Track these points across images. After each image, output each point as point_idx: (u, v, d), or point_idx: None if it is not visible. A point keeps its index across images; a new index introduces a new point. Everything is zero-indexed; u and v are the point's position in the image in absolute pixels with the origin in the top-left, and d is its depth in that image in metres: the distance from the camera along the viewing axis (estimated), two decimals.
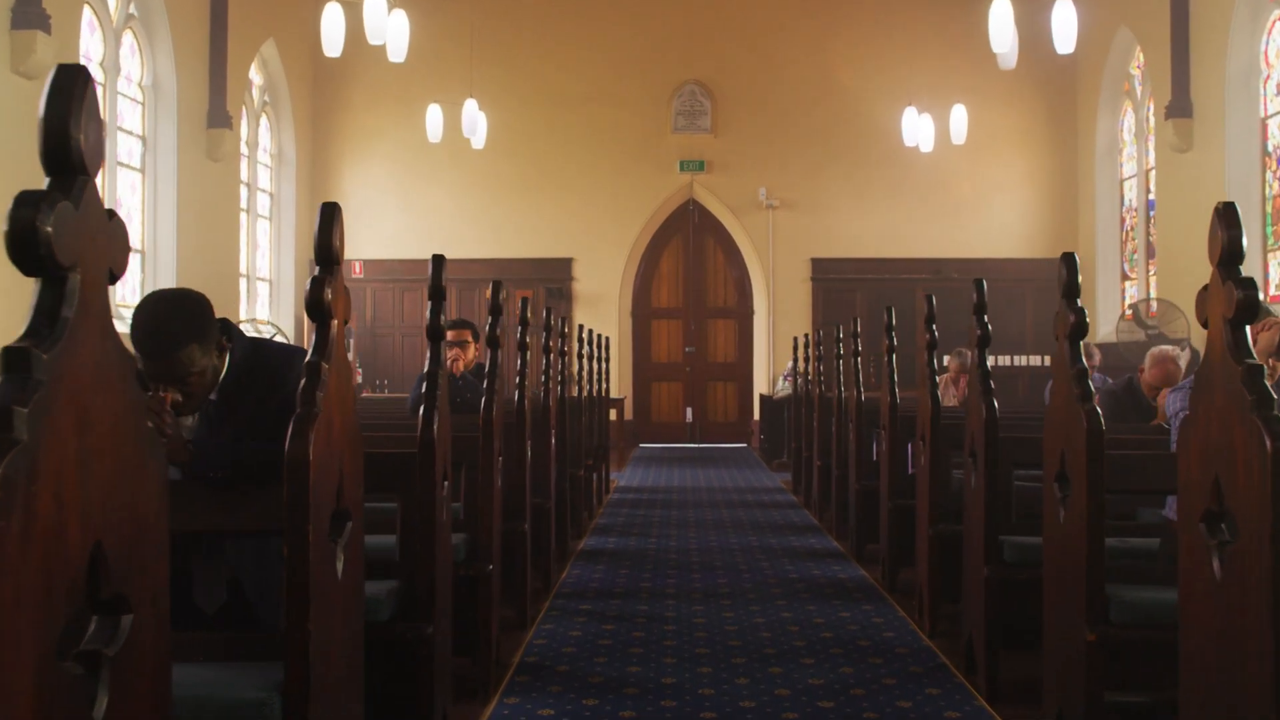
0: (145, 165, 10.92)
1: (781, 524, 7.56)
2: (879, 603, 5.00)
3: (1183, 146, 11.41)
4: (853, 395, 6.34)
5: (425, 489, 2.83)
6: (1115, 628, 2.75)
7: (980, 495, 3.59)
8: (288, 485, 1.96)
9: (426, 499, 2.83)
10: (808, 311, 14.49)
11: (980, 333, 3.77)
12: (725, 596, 5.12)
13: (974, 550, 3.71)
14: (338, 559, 2.18)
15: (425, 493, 2.84)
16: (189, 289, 2.61)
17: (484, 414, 3.63)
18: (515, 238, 14.53)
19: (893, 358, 5.49)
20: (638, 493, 9.55)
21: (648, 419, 14.94)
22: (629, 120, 14.55)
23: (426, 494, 2.83)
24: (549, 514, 5.27)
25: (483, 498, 3.59)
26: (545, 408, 5.32)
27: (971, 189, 14.47)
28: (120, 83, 10.43)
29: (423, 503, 2.82)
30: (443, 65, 14.09)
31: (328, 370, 2.09)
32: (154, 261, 10.94)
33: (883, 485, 5.49)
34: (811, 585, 5.40)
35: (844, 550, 6.44)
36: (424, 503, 2.82)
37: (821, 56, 14.51)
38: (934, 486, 4.39)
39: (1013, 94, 14.38)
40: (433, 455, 2.81)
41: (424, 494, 2.83)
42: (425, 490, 2.83)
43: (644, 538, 6.98)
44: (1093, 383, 7.46)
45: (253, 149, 13.33)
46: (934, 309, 4.62)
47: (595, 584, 5.45)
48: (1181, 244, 11.57)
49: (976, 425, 3.68)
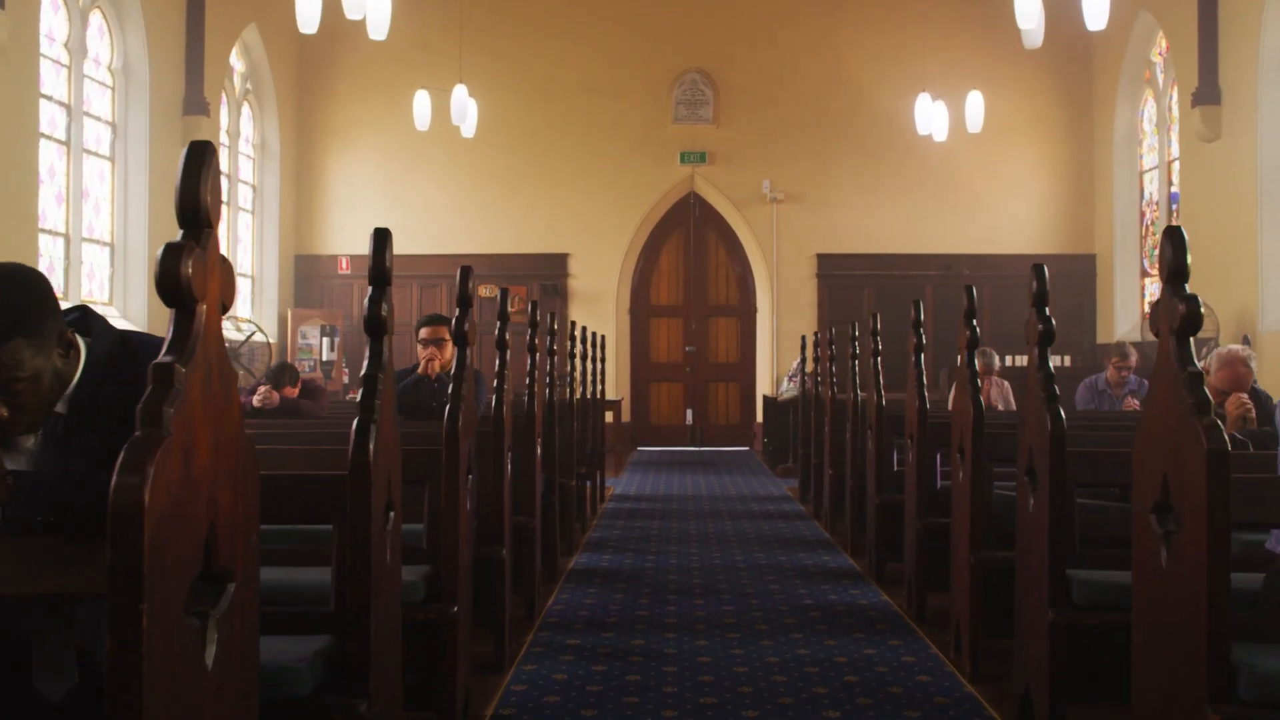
0: (115, 153, 10.32)
1: (791, 538, 6.97)
2: (907, 636, 4.40)
3: (1210, 135, 10.82)
4: (872, 399, 5.73)
5: (359, 521, 2.23)
6: (1247, 706, 2.14)
7: (1042, 522, 2.99)
8: (110, 543, 1.35)
9: (360, 534, 2.23)
10: (813, 309, 13.88)
11: (1042, 328, 3.16)
12: (732, 628, 4.52)
13: (1034, 587, 3.11)
14: (206, 645, 1.58)
15: (359, 526, 2.24)
16: (21, 265, 1.99)
17: (447, 424, 3.02)
18: (509, 233, 13.92)
19: (921, 357, 4.90)
20: (635, 501, 8.94)
21: (646, 421, 14.32)
22: (627, 110, 13.94)
23: (360, 527, 2.23)
24: (533, 534, 4.67)
25: (446, 523, 2.99)
26: (530, 413, 4.72)
27: (983, 182, 13.87)
28: (88, 65, 9.83)
29: (355, 539, 2.23)
30: (432, 52, 13.49)
31: (183, 375, 1.49)
32: (124, 254, 10.34)
33: (909, 501, 4.90)
34: (828, 613, 4.80)
35: (861, 570, 5.84)
36: (356, 539, 2.22)
37: (829, 43, 13.91)
38: (975, 506, 3.79)
39: (1026, 83, 13.78)
40: (366, 480, 2.21)
41: (357, 527, 2.23)
42: (359, 523, 2.24)
43: (641, 554, 6.38)
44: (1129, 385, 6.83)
45: (234, 139, 12.73)
46: (975, 302, 4.03)
47: (586, 612, 4.85)
48: (1208, 238, 10.98)
49: (1037, 439, 3.08)
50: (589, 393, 8.80)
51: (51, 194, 9.30)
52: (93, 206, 9.99)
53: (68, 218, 9.52)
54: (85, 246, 9.80)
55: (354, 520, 2.28)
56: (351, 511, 2.28)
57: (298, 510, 2.53)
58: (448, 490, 2.97)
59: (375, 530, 2.29)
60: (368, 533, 2.27)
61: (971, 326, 4.00)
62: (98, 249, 10.09)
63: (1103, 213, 13.66)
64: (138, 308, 10.37)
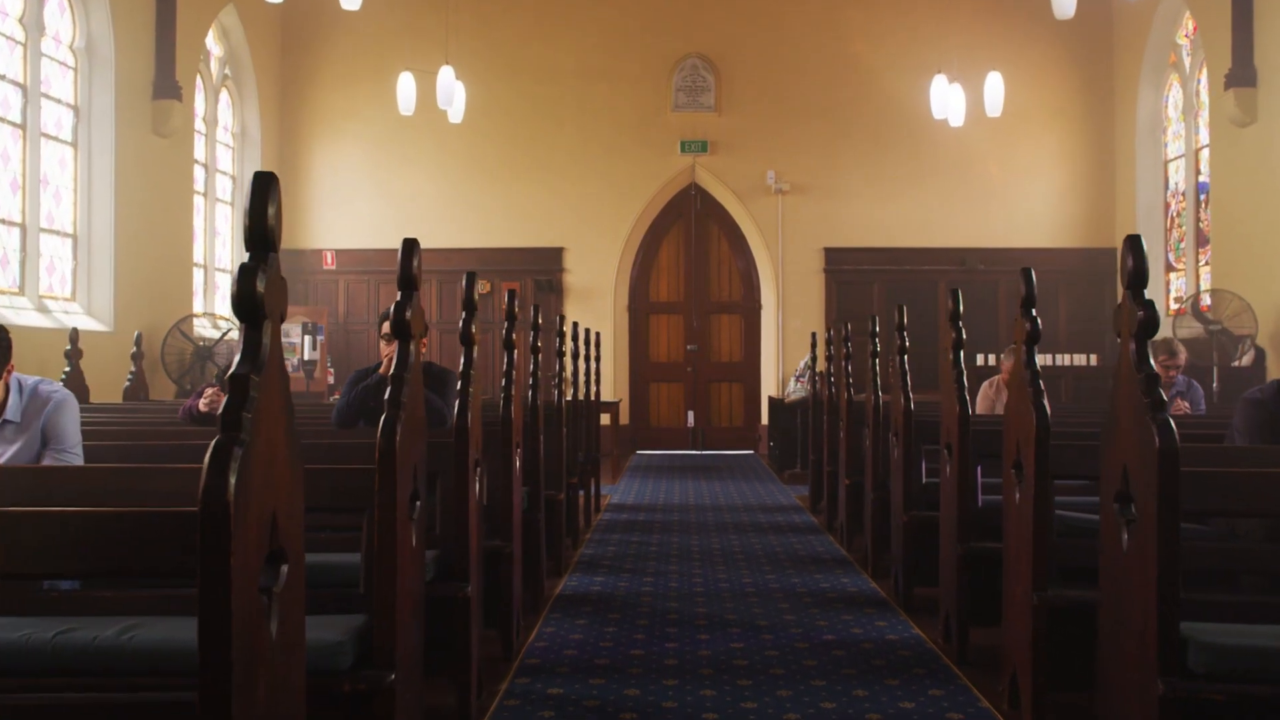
0: (78, 138, 9.65)
1: (804, 555, 6.30)
2: (950, 684, 3.73)
3: (1245, 119, 10.16)
4: (898, 401, 5.06)
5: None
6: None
7: (1147, 567, 2.33)
8: None
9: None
10: (820, 306, 13.22)
11: (1144, 313, 2.50)
12: (743, 672, 3.85)
13: (1133, 645, 2.45)
14: None
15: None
16: None
17: (381, 440, 2.35)
18: (501, 225, 13.25)
19: (959, 355, 4.23)
20: (633, 511, 8.28)
21: (645, 424, 13.65)
22: (625, 97, 13.27)
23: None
24: (511, 560, 4.01)
25: (382, 567, 2.33)
26: (506, 419, 4.06)
27: (999, 172, 13.19)
28: (46, 43, 9.17)
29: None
30: (420, 37, 12.83)
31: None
32: (87, 246, 9.67)
33: (946, 521, 4.23)
34: (854, 652, 4.13)
35: (886, 594, 5.18)
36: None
37: (837, 24, 13.23)
38: (1039, 534, 3.13)
39: (1044, 67, 13.12)
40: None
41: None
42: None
43: (638, 575, 5.71)
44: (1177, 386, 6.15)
45: (211, 126, 12.07)
46: (1034, 290, 3.39)
47: (573, 650, 4.18)
48: (1243, 228, 10.32)
49: (1143, 458, 2.42)
50: (581, 394, 8.14)
51: (5, 180, 8.65)
52: (52, 195, 9.32)
53: (24, 206, 8.86)
54: (44, 237, 9.14)
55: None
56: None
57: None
58: (383, 521, 2.31)
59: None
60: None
61: (1032, 319, 3.34)
62: (58, 240, 9.43)
63: (1124, 204, 12.99)
64: (103, 304, 9.71)
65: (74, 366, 7.77)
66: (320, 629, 2.28)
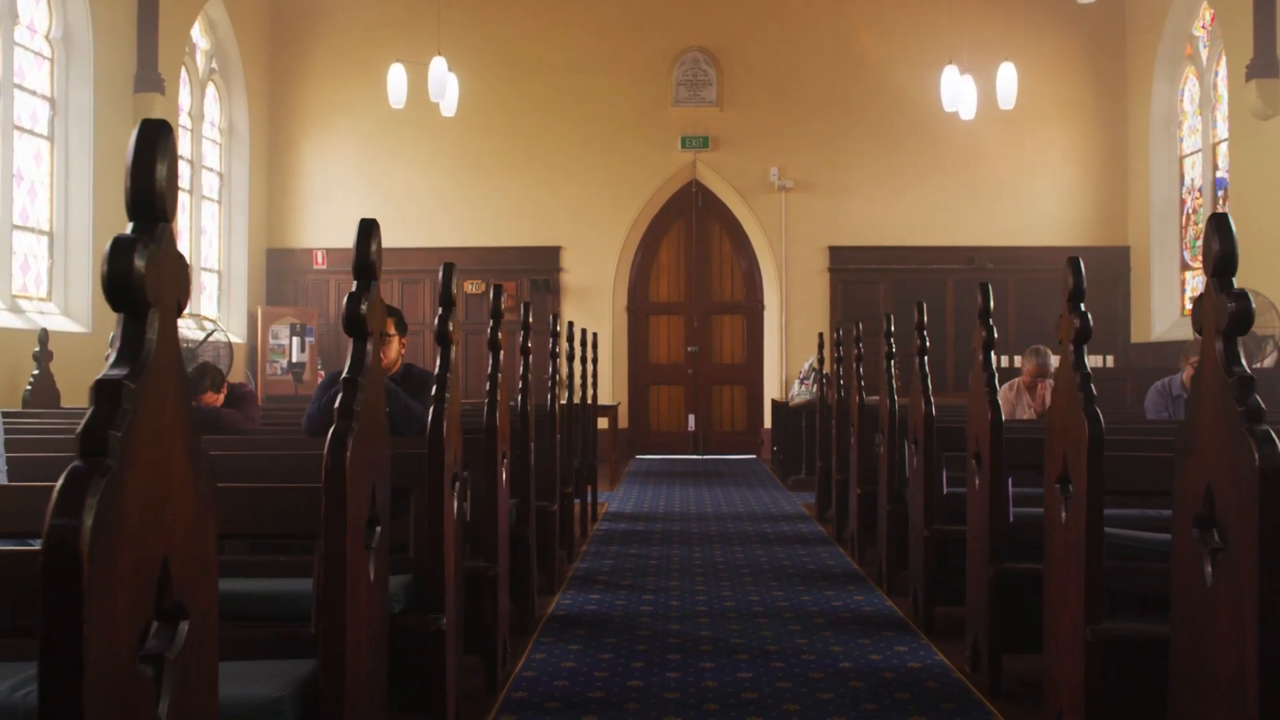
0: (54, 132, 9.27)
1: (814, 570, 5.92)
2: None
3: (1268, 111, 9.78)
4: (918, 406, 4.68)
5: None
6: None
7: (1245, 604, 1.95)
8: None
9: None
10: (825, 306, 12.83)
11: (1226, 310, 2.12)
12: (753, 707, 3.47)
13: (1228, 695, 2.07)
14: None
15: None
16: None
17: (328, 455, 1.97)
18: (496, 224, 12.87)
19: (989, 355, 3.85)
20: (631, 521, 7.89)
21: (645, 428, 13.26)
22: (624, 91, 12.88)
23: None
24: (495, 583, 3.63)
25: (330, 607, 1.95)
26: (490, 428, 3.68)
27: (1010, 167, 12.81)
28: (20, 33, 8.79)
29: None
30: (411, 29, 12.46)
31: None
32: (64, 244, 9.28)
33: (975, 539, 3.85)
34: (874, 683, 3.75)
35: (904, 615, 4.80)
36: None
37: (843, 16, 12.85)
38: (1092, 561, 2.75)
39: (1055, 61, 12.75)
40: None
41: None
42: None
43: (636, 592, 5.33)
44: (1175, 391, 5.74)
45: (197, 122, 11.69)
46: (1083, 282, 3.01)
47: (564, 680, 3.80)
48: (1263, 223, 9.93)
49: (1235, 476, 2.04)
50: (581, 398, 7.77)
51: None
52: (27, 190, 8.94)
53: None
54: (18, 235, 8.76)
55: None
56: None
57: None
58: (330, 553, 1.93)
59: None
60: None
61: (1082, 314, 2.97)
62: (33, 238, 9.05)
63: (1138, 201, 12.61)
64: (80, 304, 9.32)
65: (43, 369, 7.39)
66: (255, 682, 1.90)
